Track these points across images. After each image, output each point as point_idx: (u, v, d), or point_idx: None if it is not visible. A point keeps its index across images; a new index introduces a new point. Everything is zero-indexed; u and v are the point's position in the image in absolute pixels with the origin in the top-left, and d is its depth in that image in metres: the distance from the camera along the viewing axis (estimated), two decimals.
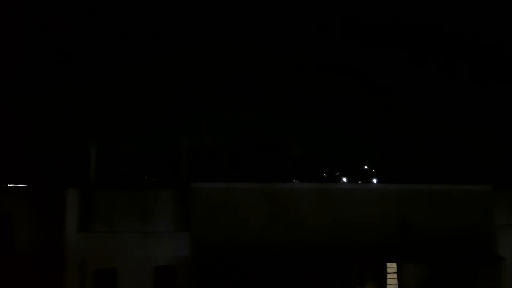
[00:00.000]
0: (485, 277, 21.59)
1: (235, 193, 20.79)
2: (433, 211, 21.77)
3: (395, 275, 21.53)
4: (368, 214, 21.27)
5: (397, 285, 21.46)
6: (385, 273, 21.47)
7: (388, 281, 21.46)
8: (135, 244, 19.76)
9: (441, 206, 21.90)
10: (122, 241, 19.70)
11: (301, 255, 20.42)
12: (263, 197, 20.79)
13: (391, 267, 21.53)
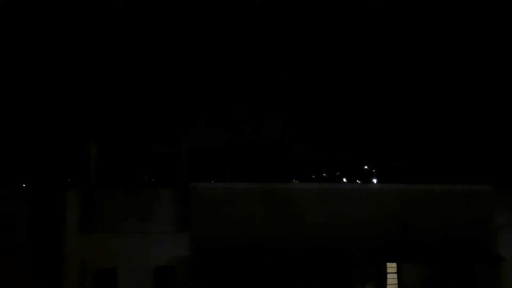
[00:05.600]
0: (485, 277, 21.60)
1: (235, 193, 20.79)
2: (433, 211, 21.77)
3: (395, 275, 21.53)
4: (368, 214, 21.27)
5: (397, 285, 21.46)
6: (385, 273, 21.47)
7: (388, 281, 21.47)
8: (135, 244, 19.77)
9: (441, 206, 21.90)
10: (122, 241, 19.71)
11: (301, 255, 20.42)
12: (263, 197, 20.79)
13: (391, 267, 21.53)
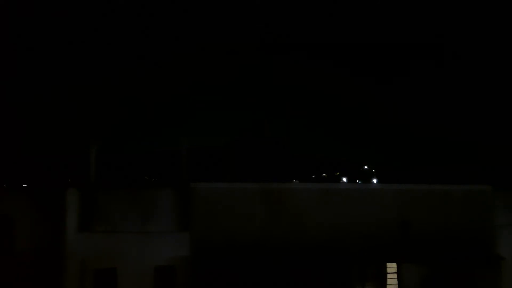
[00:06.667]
0: (485, 277, 21.60)
1: (235, 193, 20.79)
2: (433, 211, 21.77)
3: (395, 275, 21.54)
4: (368, 214, 21.27)
5: (397, 285, 21.47)
6: (385, 273, 21.48)
7: (388, 281, 21.47)
8: (135, 244, 19.77)
9: (441, 206, 21.90)
10: (122, 241, 19.71)
11: (301, 255, 20.43)
12: (263, 197, 20.79)
13: (391, 267, 21.54)
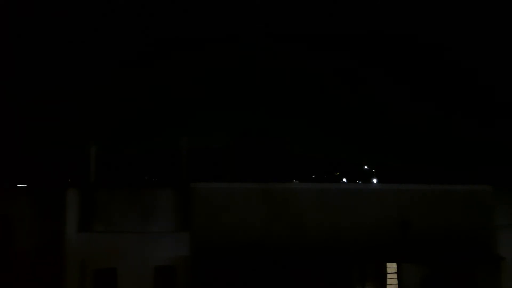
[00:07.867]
0: (485, 277, 21.60)
1: (235, 193, 20.79)
2: (433, 211, 21.78)
3: (395, 275, 21.54)
4: (368, 214, 21.28)
5: (397, 285, 21.46)
6: (385, 273, 21.48)
7: (388, 281, 21.47)
8: (135, 244, 19.78)
9: (441, 206, 21.91)
10: (122, 241, 19.72)
11: (301, 255, 20.43)
12: (263, 197, 20.80)
13: (391, 267, 21.54)
